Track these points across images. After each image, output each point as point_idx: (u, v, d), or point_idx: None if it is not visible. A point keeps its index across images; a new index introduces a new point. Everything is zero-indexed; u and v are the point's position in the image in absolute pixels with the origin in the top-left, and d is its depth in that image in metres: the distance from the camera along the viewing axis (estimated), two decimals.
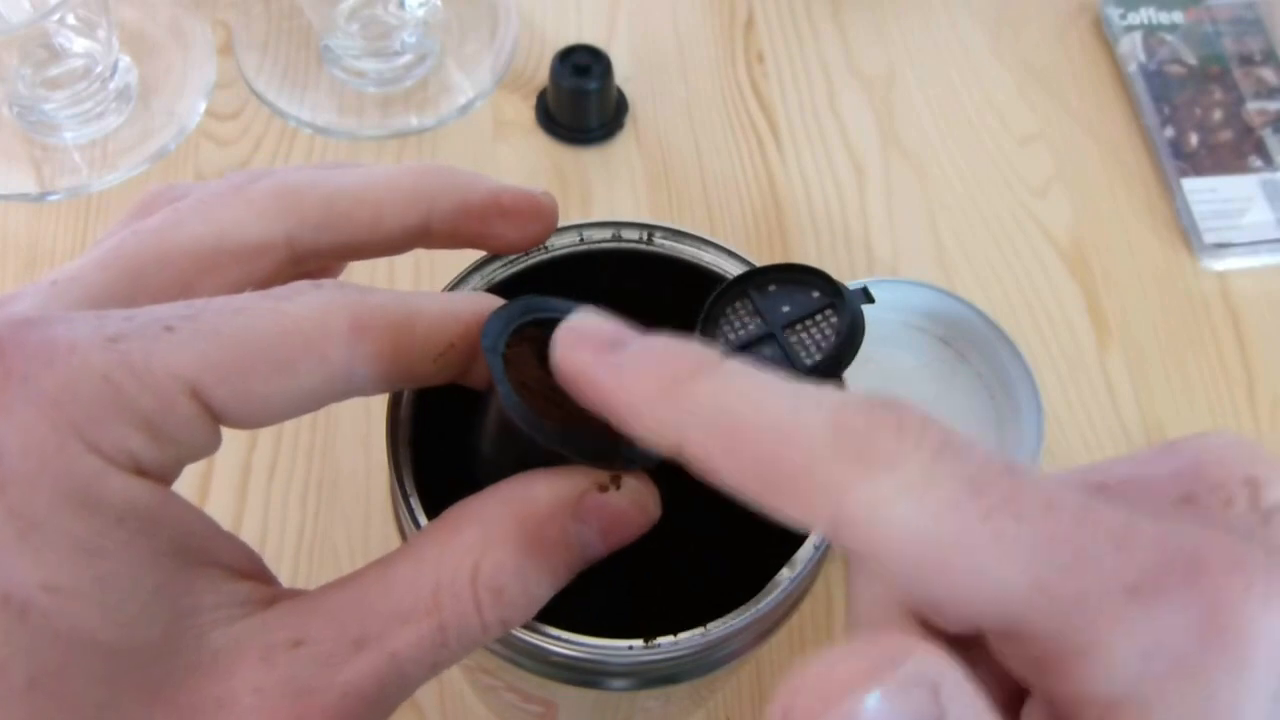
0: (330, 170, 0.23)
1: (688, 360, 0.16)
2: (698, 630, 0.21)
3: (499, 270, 0.26)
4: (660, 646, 0.21)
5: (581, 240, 0.26)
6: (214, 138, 0.52)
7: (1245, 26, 0.57)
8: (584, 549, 0.19)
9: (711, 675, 0.23)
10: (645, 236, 0.26)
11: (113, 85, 0.52)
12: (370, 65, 0.53)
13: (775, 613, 0.22)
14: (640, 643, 0.21)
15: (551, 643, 0.21)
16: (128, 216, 0.22)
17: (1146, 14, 0.57)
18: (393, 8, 0.53)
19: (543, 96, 0.53)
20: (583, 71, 0.51)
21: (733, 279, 0.22)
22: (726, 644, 0.21)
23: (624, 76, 0.54)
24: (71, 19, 0.50)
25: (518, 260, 0.26)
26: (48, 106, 0.51)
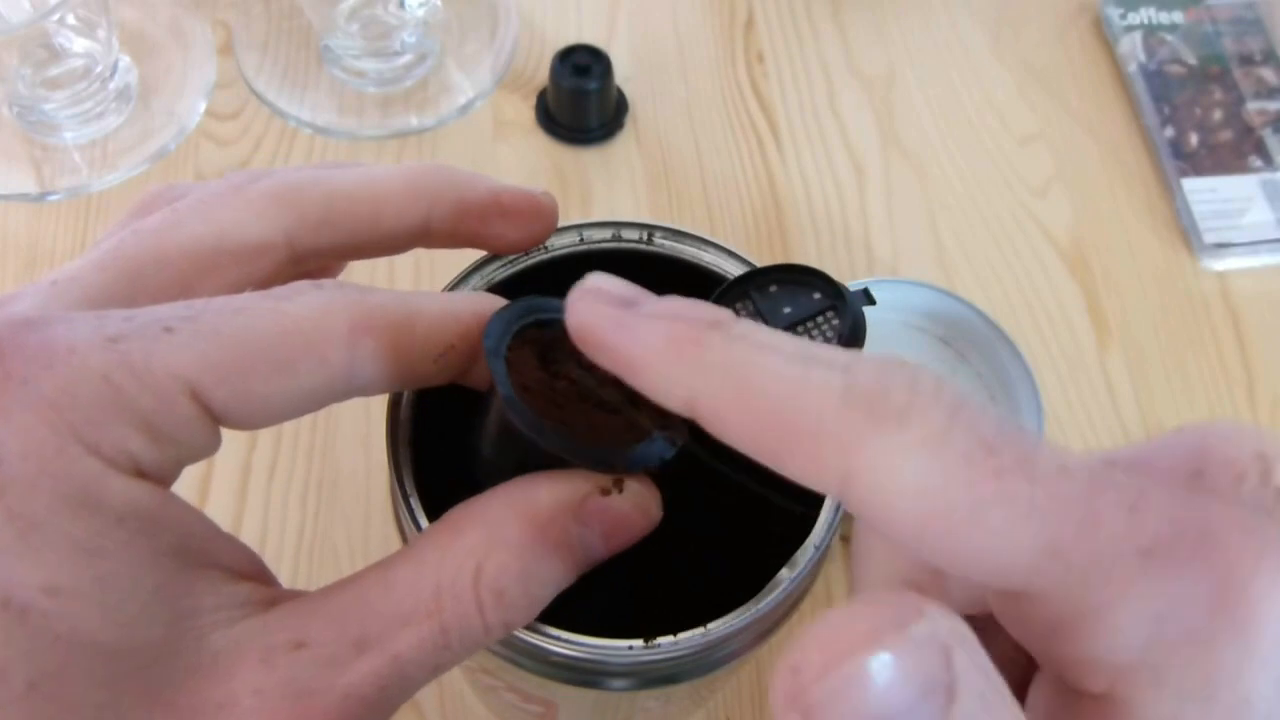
0: (330, 170, 0.22)
1: (700, 318, 0.16)
2: (698, 630, 0.21)
3: (499, 270, 0.26)
4: (660, 646, 0.21)
5: (581, 240, 0.26)
6: (214, 138, 0.52)
7: (1245, 26, 0.57)
8: (586, 551, 0.19)
9: (711, 675, 0.23)
10: (645, 236, 0.26)
11: (113, 85, 0.52)
12: (370, 65, 0.53)
13: (775, 613, 0.22)
14: (640, 643, 0.21)
15: (552, 643, 0.21)
16: (127, 216, 0.22)
17: (1146, 14, 0.57)
18: (393, 8, 0.53)
19: (543, 96, 0.53)
20: (583, 71, 0.51)
21: (734, 279, 0.22)
22: (726, 644, 0.21)
23: (624, 76, 0.54)
24: (71, 19, 0.50)
25: (517, 260, 0.26)
26: (48, 106, 0.51)
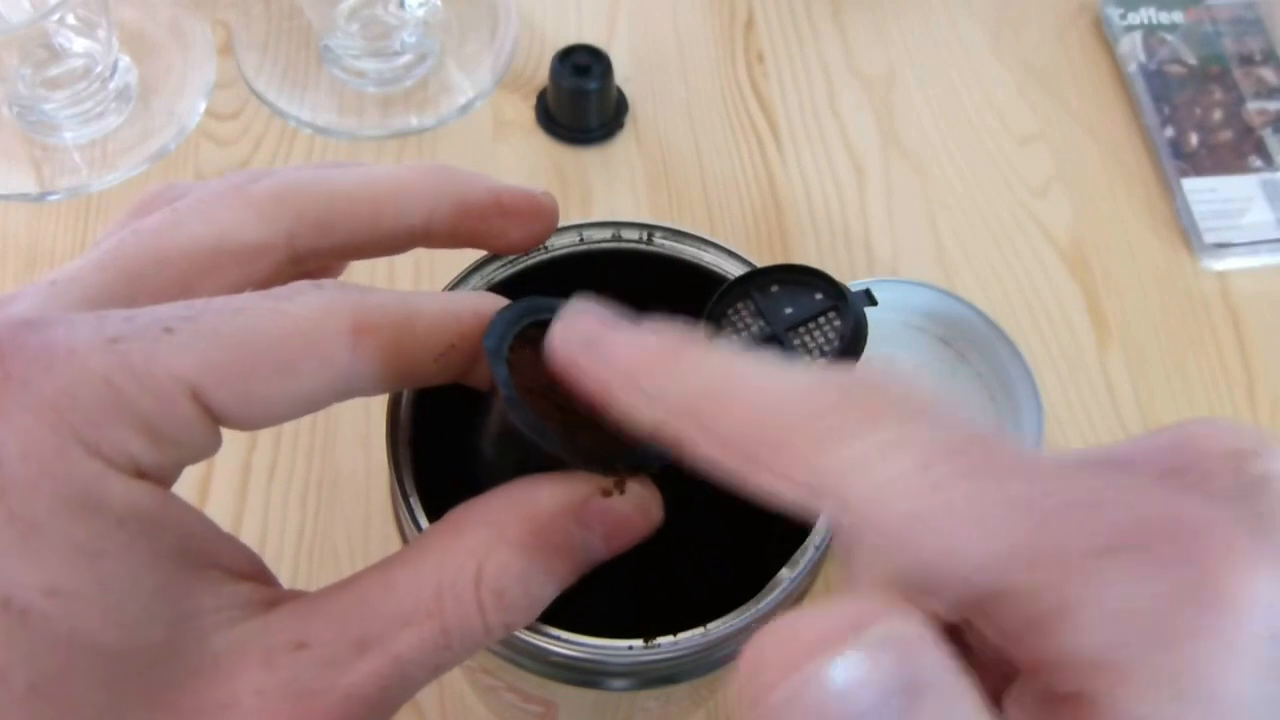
0: (330, 170, 0.22)
1: (668, 342, 0.16)
2: (698, 630, 0.21)
3: (499, 270, 0.26)
4: (660, 646, 0.21)
5: (581, 240, 0.26)
6: (214, 138, 0.52)
7: (1245, 26, 0.57)
8: (587, 553, 0.19)
9: (711, 675, 0.23)
10: (645, 236, 0.26)
11: (113, 85, 0.52)
12: (370, 65, 0.53)
13: (775, 613, 0.22)
14: (640, 643, 0.21)
15: (552, 643, 0.21)
16: (127, 216, 0.22)
17: (1146, 14, 0.57)
18: (393, 8, 0.53)
19: (543, 96, 0.53)
20: (583, 71, 0.51)
21: (735, 279, 0.22)
22: (726, 644, 0.21)
23: (624, 76, 0.54)
24: (71, 19, 0.50)
25: (517, 260, 0.26)
26: (48, 106, 0.51)
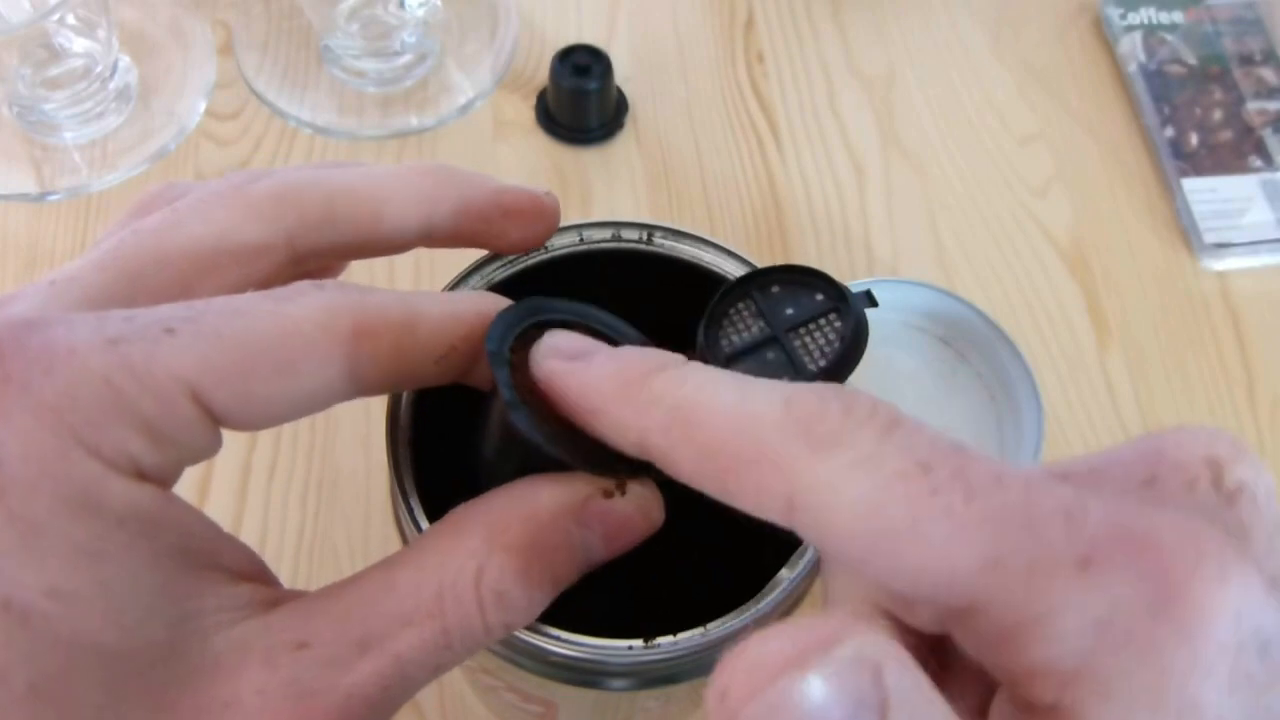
0: (331, 169, 0.22)
1: (646, 363, 0.17)
2: (697, 630, 0.21)
3: (499, 270, 0.26)
4: (660, 646, 0.21)
5: (581, 240, 0.26)
6: (214, 138, 0.52)
7: (1245, 26, 0.57)
8: (587, 554, 0.19)
9: (711, 675, 0.23)
10: (645, 236, 0.26)
11: (113, 85, 0.52)
12: (370, 65, 0.53)
13: (775, 613, 0.22)
14: (640, 643, 0.21)
15: (552, 643, 0.21)
16: (127, 216, 0.22)
17: (1146, 14, 0.57)
18: (393, 8, 0.53)
19: (543, 96, 0.53)
20: (583, 71, 0.51)
21: (736, 280, 0.22)
22: (726, 644, 0.21)
23: (624, 76, 0.54)
24: (71, 19, 0.50)
25: (517, 260, 0.26)
26: (48, 106, 0.51)
